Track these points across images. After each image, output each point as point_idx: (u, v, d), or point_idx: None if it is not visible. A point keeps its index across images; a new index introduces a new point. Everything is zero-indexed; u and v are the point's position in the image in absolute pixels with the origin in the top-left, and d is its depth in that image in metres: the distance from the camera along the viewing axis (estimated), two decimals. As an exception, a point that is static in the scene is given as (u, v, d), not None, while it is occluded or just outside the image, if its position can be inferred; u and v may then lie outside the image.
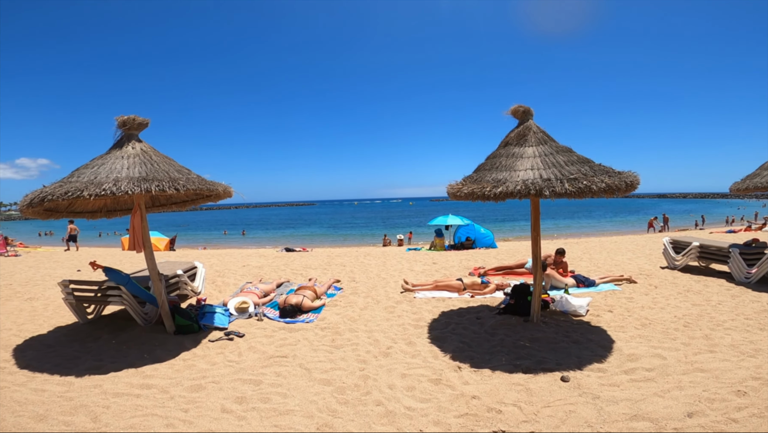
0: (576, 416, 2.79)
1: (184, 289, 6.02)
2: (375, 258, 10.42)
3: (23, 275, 8.94)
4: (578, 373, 3.43)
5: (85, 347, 4.33)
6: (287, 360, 3.89)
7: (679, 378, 3.25)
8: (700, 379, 3.22)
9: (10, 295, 6.86)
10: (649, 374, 3.35)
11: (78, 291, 4.93)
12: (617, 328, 4.52)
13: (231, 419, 2.85)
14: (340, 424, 2.78)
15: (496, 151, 4.54)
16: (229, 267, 9.38)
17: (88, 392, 3.28)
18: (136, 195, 3.94)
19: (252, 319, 5.23)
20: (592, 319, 4.86)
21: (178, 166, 4.47)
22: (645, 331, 4.39)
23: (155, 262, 4.68)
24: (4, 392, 3.26)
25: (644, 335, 4.27)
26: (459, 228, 14.45)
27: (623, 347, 3.96)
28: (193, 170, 4.65)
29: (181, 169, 4.44)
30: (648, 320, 4.73)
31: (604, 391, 3.10)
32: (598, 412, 2.83)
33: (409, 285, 6.53)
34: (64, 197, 3.71)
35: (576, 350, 3.90)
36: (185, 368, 3.77)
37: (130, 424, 2.80)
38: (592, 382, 3.25)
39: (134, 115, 4.38)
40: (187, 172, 4.42)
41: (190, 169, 4.63)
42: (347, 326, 4.87)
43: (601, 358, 3.72)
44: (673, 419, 2.69)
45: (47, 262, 11.41)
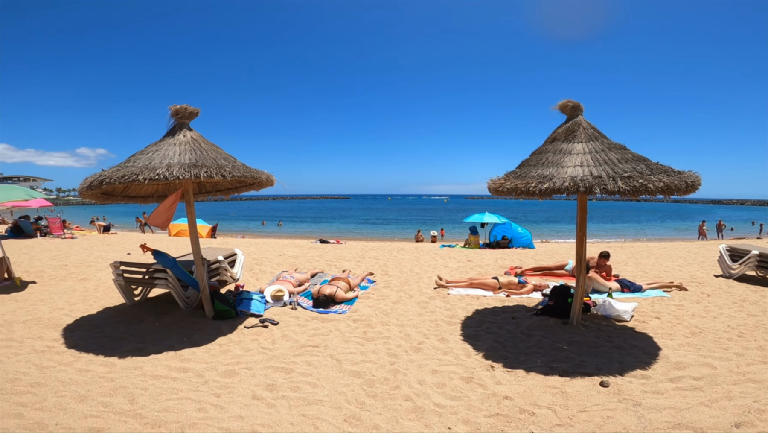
0: (614, 422, 2.66)
1: (224, 275, 6.25)
2: (408, 253, 10.38)
3: (78, 256, 9.61)
4: (619, 379, 3.26)
5: (130, 328, 4.56)
6: (318, 350, 3.94)
7: (728, 388, 3.05)
8: (751, 390, 3.01)
9: (65, 275, 7.38)
10: (697, 383, 3.15)
11: (127, 273, 5.23)
12: (664, 335, 4.26)
13: (260, 406, 2.91)
14: (367, 417, 2.77)
15: (542, 147, 4.37)
16: (266, 256, 9.66)
17: (129, 373, 3.43)
18: (186, 180, 4.13)
19: (286, 307, 5.35)
20: (637, 325, 4.60)
21: (225, 154, 4.64)
22: (695, 339, 4.12)
23: (200, 247, 4.87)
24: (50, 372, 3.42)
25: (694, 343, 4.01)
26: (495, 226, 14.12)
27: (670, 354, 3.73)
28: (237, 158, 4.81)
29: (227, 156, 4.60)
30: (698, 329, 4.43)
31: (646, 398, 2.95)
32: (638, 419, 2.69)
33: (443, 281, 6.45)
34: (121, 181, 3.92)
35: (618, 356, 3.71)
36: (221, 353, 3.90)
37: (164, 406, 2.89)
38: (634, 388, 3.09)
39: (186, 105, 4.58)
40: (233, 160, 4.58)
41: (235, 157, 4.79)
42: (379, 319, 4.88)
43: (645, 365, 3.52)
44: (720, 429, 2.53)
45: (100, 245, 12.21)
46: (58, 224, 14.70)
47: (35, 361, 3.62)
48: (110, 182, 3.96)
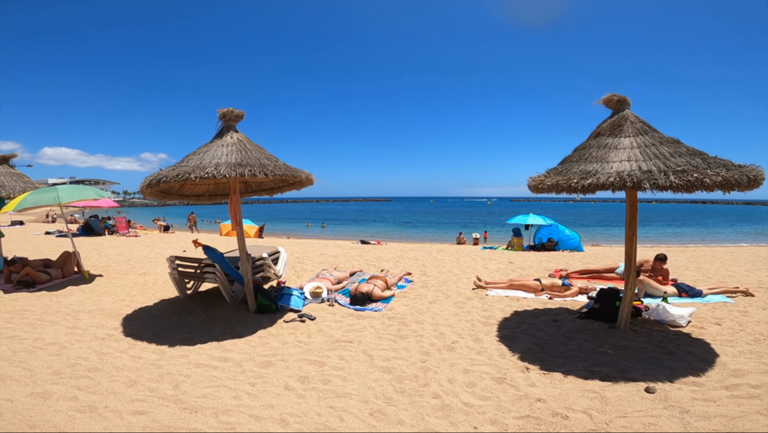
0: (656, 428, 2.50)
1: (267, 271, 6.51)
2: (448, 254, 10.26)
3: (140, 253, 10.43)
4: (667, 385, 3.05)
5: (181, 319, 4.89)
6: (352, 345, 4.01)
7: (790, 397, 2.75)
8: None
9: (127, 270, 8.04)
10: (755, 391, 2.88)
11: (181, 267, 5.61)
12: (724, 342, 3.91)
13: (291, 397, 3.02)
14: (393, 412, 2.79)
15: (586, 143, 4.19)
16: (307, 255, 9.95)
17: (176, 361, 3.66)
18: (232, 179, 4.40)
19: (324, 304, 5.49)
20: (693, 331, 4.25)
21: (268, 154, 4.88)
22: (758, 347, 3.76)
23: (245, 243, 5.14)
24: (107, 358, 3.70)
25: (756, 351, 3.66)
26: (540, 228, 13.56)
27: (728, 361, 3.43)
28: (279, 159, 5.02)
29: (270, 156, 4.84)
30: (763, 336, 4.03)
31: (695, 405, 2.74)
32: (683, 426, 2.50)
33: (482, 282, 6.31)
34: (176, 179, 4.27)
35: (669, 362, 3.46)
36: (259, 345, 4.08)
37: (203, 393, 3.06)
38: (684, 395, 2.88)
39: (232, 108, 4.90)
40: (275, 160, 4.81)
41: (277, 157, 5.01)
42: (414, 317, 4.87)
43: (699, 372, 3.26)
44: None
45: (160, 242, 13.17)
46: (124, 223, 16.07)
47: (95, 348, 3.97)
48: (166, 180, 4.32)
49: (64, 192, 6.21)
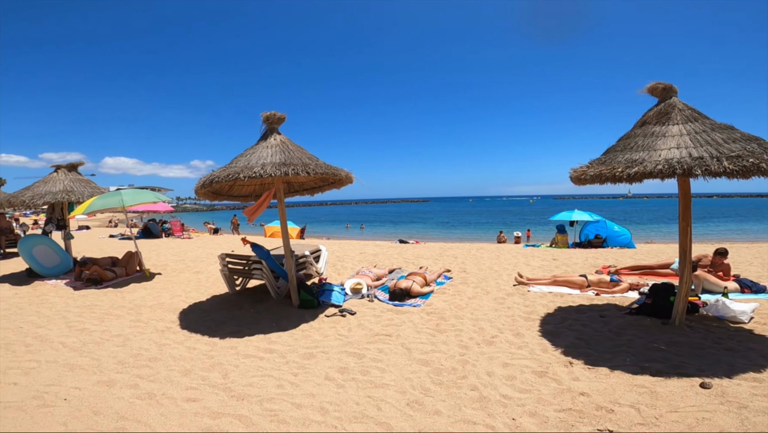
0: (710, 423, 2.36)
1: (309, 268, 6.74)
2: (488, 252, 10.08)
3: (193, 253, 11.10)
4: (725, 381, 2.88)
5: (231, 314, 5.17)
6: (391, 339, 4.07)
7: None
8: None
9: (183, 268, 8.58)
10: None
11: (231, 264, 5.94)
12: (791, 339, 3.60)
13: (331, 386, 3.13)
14: (430, 403, 2.81)
15: (630, 132, 4.03)
16: (347, 253, 10.14)
17: (226, 352, 3.89)
18: (276, 178, 4.64)
19: (364, 299, 5.60)
20: (756, 327, 3.95)
21: (309, 154, 5.10)
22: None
23: (289, 241, 5.37)
24: (165, 349, 3.98)
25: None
26: (587, 225, 12.99)
27: (795, 358, 3.16)
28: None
29: (311, 156, 5.06)
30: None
31: (755, 401, 2.57)
32: (740, 421, 2.36)
33: (524, 279, 6.17)
34: (226, 179, 4.57)
35: (727, 358, 3.25)
36: (302, 337, 4.24)
37: (250, 382, 3.23)
38: (742, 391, 2.71)
39: (274, 111, 5.17)
40: (315, 159, 5.03)
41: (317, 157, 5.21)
42: (453, 312, 4.86)
43: (761, 368, 3.05)
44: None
45: (211, 244, 13.91)
46: (178, 226, 17.19)
47: (155, 339, 4.29)
48: (218, 180, 4.64)
49: (127, 196, 6.78)
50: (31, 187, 7.45)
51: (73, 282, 7.06)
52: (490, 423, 2.55)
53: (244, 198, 6.29)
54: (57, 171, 7.78)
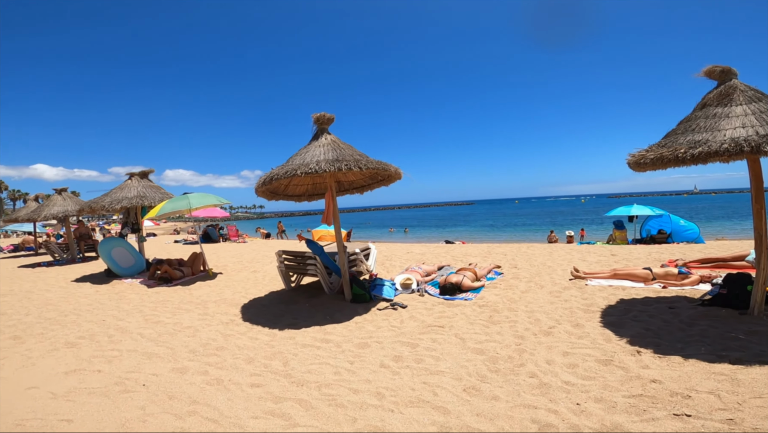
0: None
1: (359, 266, 6.89)
2: (540, 250, 9.75)
3: (249, 255, 11.70)
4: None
5: (288, 307, 5.43)
6: (443, 330, 4.08)
7: None
8: None
9: (241, 268, 9.08)
10: None
11: (287, 261, 6.24)
12: None
13: (386, 373, 3.20)
14: (487, 388, 2.80)
15: (691, 115, 3.86)
16: (395, 253, 10.23)
17: (285, 342, 4.09)
18: (329, 176, 4.87)
19: (414, 294, 5.65)
20: None
21: (358, 152, 5.30)
22: None
23: (342, 237, 5.55)
24: (230, 339, 4.26)
25: None
26: (648, 219, 12.16)
27: None
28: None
29: (361, 153, 5.26)
30: None
31: None
32: None
33: (580, 273, 5.92)
34: (285, 176, 4.86)
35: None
36: (356, 329, 4.37)
37: (308, 369, 3.38)
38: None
39: (324, 113, 5.41)
40: (365, 156, 5.21)
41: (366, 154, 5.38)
42: (506, 305, 4.78)
43: None
44: None
45: (264, 247, 14.59)
46: (234, 231, 18.27)
47: (221, 331, 4.59)
48: (277, 178, 4.94)
49: (194, 199, 7.34)
50: (110, 193, 8.29)
51: (147, 281, 7.71)
52: (552, 408, 2.49)
53: (297, 198, 6.58)
54: (131, 178, 8.58)
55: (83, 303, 6.30)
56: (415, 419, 2.51)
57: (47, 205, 11.38)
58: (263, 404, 2.81)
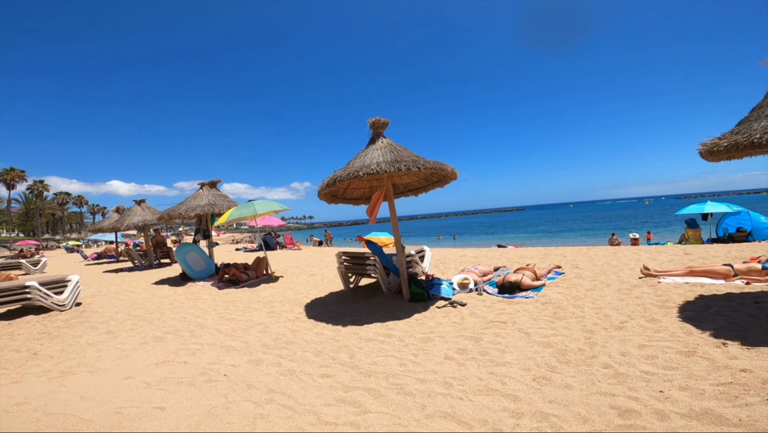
0: None
1: (414, 267, 6.98)
2: (602, 251, 9.30)
3: (306, 261, 12.20)
4: None
5: (348, 306, 5.63)
6: (506, 325, 4.07)
7: None
8: None
9: (299, 272, 9.51)
10: None
11: (347, 261, 6.49)
12: None
13: (452, 364, 3.25)
14: (558, 378, 2.78)
15: (763, 102, 3.67)
16: (448, 256, 10.21)
17: (349, 337, 4.25)
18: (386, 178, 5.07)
19: (472, 293, 5.64)
20: None
21: (415, 153, 5.42)
22: None
23: (400, 237, 5.70)
24: (298, 334, 4.50)
25: None
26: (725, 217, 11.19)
27: None
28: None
29: (417, 155, 5.36)
30: None
31: None
32: None
33: (651, 271, 5.61)
34: (347, 178, 5.08)
35: None
36: (417, 325, 4.46)
37: (374, 361, 3.50)
38: None
39: (379, 117, 5.61)
40: (422, 157, 5.30)
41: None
42: (571, 302, 4.65)
43: None
44: None
45: (318, 254, 15.14)
46: (290, 239, 19.16)
47: (289, 327, 4.87)
48: (340, 179, 5.16)
49: (259, 206, 7.86)
50: (184, 202, 9.09)
51: (217, 283, 8.31)
52: (632, 395, 2.43)
53: (355, 201, 6.83)
54: (202, 188, 9.36)
55: (165, 303, 6.92)
56: (485, 406, 2.54)
57: (128, 215, 12.67)
58: (334, 393, 2.95)
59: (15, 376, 3.63)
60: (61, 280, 6.64)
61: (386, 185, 5.50)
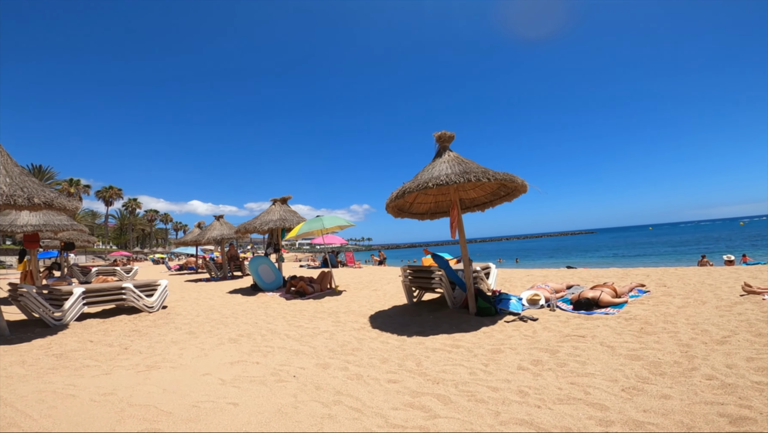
0: None
1: (480, 283, 6.80)
2: (692, 271, 8.39)
3: (367, 277, 12.38)
4: None
5: (412, 319, 5.60)
6: (585, 339, 3.81)
7: None
8: None
9: (361, 287, 9.69)
10: None
11: (412, 275, 6.50)
12: None
13: (526, 375, 3.10)
14: (653, 389, 2.55)
15: None
16: (514, 276, 9.81)
17: (415, 347, 4.22)
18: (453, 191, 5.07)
19: (544, 309, 5.34)
20: None
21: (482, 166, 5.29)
22: None
23: (467, 250, 5.60)
24: (363, 342, 4.56)
25: None
26: None
27: None
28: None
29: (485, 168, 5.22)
30: None
31: None
32: None
33: (754, 288, 4.95)
34: (417, 189, 5.10)
35: None
36: (485, 337, 4.32)
37: (442, 369, 3.44)
38: None
39: (444, 131, 5.65)
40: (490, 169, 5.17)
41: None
42: (660, 319, 4.25)
43: None
44: None
45: (379, 272, 15.29)
46: (351, 257, 19.64)
47: (354, 335, 4.95)
48: (410, 191, 5.17)
49: (327, 221, 8.21)
50: (259, 216, 9.76)
51: (284, 294, 8.70)
52: (744, 404, 2.18)
53: (420, 216, 6.84)
54: (274, 204, 10.00)
55: (238, 309, 7.37)
56: (567, 414, 2.39)
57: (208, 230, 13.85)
58: (402, 397, 2.93)
59: (106, 368, 3.86)
60: (152, 284, 7.31)
61: (453, 199, 5.46)
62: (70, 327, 5.79)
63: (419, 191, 5.10)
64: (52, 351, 4.52)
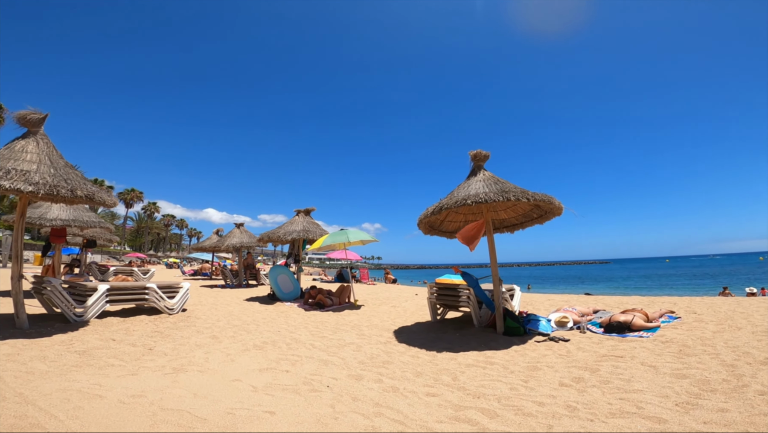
0: None
1: (504, 304, 6.75)
2: (720, 300, 8.22)
3: (384, 294, 12.36)
4: None
5: (438, 335, 5.55)
6: (624, 359, 3.77)
7: None
8: None
9: (380, 303, 9.66)
10: None
11: (437, 293, 6.48)
12: None
13: (570, 391, 3.06)
14: (708, 404, 2.54)
15: None
16: (534, 300, 9.70)
17: (447, 362, 4.17)
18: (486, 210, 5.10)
19: (573, 331, 5.28)
20: None
21: (519, 186, 5.27)
22: None
23: (497, 268, 5.57)
24: (393, 355, 4.52)
25: None
26: None
27: None
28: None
29: (522, 188, 5.19)
30: None
31: None
32: None
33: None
34: (455, 205, 5.09)
35: None
36: (518, 355, 4.27)
37: (480, 384, 3.40)
38: None
39: (480, 150, 5.68)
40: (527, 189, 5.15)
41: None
42: (697, 342, 4.21)
43: None
44: None
45: (395, 289, 15.24)
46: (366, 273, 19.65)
47: (382, 348, 4.91)
48: (447, 207, 5.16)
49: (351, 234, 8.28)
50: (282, 226, 9.89)
51: (303, 305, 8.72)
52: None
53: (449, 234, 6.84)
54: (298, 215, 10.12)
55: (259, 317, 7.35)
56: (624, 426, 2.37)
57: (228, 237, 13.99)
58: (444, 411, 2.85)
59: (131, 368, 3.75)
60: (174, 286, 7.28)
61: (485, 218, 5.47)
62: (90, 324, 5.75)
63: (453, 209, 5.12)
64: (74, 348, 4.41)
